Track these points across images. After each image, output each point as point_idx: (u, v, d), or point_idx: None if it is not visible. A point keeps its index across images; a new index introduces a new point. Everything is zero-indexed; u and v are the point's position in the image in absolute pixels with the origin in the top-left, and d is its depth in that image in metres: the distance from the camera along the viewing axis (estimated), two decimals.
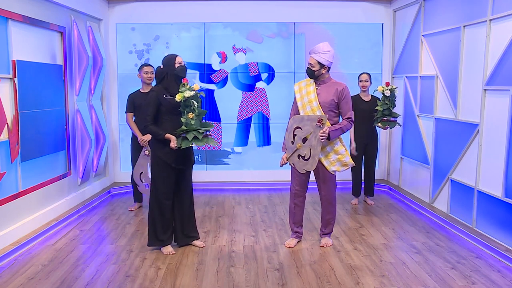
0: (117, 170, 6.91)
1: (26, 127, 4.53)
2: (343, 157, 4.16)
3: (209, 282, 3.56)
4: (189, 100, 3.79)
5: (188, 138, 3.82)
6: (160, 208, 4.10)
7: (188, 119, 3.80)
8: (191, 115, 3.79)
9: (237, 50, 6.80)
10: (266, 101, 6.94)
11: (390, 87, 5.29)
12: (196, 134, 3.81)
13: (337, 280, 3.59)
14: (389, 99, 5.31)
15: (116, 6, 6.67)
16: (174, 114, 3.95)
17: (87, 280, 3.57)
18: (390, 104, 5.31)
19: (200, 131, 3.83)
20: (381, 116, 5.36)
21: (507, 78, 4.15)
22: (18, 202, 4.44)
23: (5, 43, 4.26)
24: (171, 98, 3.93)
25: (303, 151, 4.10)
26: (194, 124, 3.80)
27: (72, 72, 5.58)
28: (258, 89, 6.92)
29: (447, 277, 3.62)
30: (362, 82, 5.54)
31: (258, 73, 6.90)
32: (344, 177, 6.27)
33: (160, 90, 3.97)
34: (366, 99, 5.56)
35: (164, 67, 4.01)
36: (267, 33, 6.82)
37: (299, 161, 4.15)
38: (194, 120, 3.80)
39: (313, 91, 4.13)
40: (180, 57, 4.05)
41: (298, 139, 4.12)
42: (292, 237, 4.42)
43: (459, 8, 4.98)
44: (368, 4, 6.78)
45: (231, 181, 6.85)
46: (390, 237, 4.58)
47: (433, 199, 5.53)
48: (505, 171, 4.16)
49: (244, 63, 6.86)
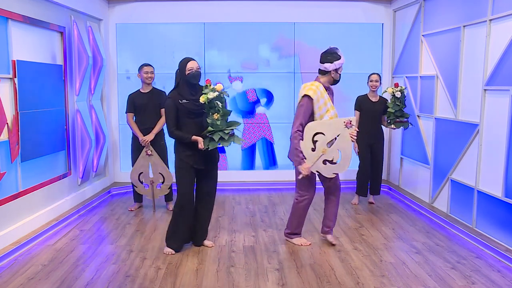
0: (117, 170, 6.91)
1: (26, 127, 4.53)
2: None
3: (209, 282, 3.56)
4: (213, 101, 3.80)
5: (214, 139, 3.83)
6: (183, 215, 4.09)
7: (214, 120, 3.82)
8: (217, 115, 3.82)
9: (233, 79, 6.81)
10: (268, 126, 6.95)
11: (400, 88, 5.34)
12: (222, 134, 3.83)
13: (337, 280, 3.59)
14: (400, 100, 5.36)
15: (116, 6, 6.67)
16: (190, 118, 3.97)
17: (87, 280, 3.57)
18: (401, 105, 5.37)
19: (226, 131, 3.84)
20: (394, 118, 5.40)
21: (507, 78, 4.14)
22: (18, 202, 4.44)
23: (5, 43, 4.26)
24: (186, 103, 3.94)
25: (330, 155, 4.06)
26: (220, 124, 3.83)
27: (72, 72, 5.58)
28: (259, 114, 6.94)
29: (447, 277, 3.62)
30: (372, 82, 5.53)
31: (257, 99, 6.90)
32: (344, 177, 6.28)
33: (175, 96, 3.97)
34: (374, 99, 5.56)
35: (179, 71, 4.00)
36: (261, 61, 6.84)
37: (326, 166, 4.08)
38: (219, 121, 3.83)
39: (329, 99, 4.14)
40: (194, 62, 3.96)
41: (321, 145, 4.03)
42: (299, 237, 4.44)
43: (459, 8, 4.98)
44: (368, 4, 6.78)
45: (231, 181, 6.85)
46: (390, 237, 4.58)
47: (433, 199, 5.53)
48: (505, 171, 4.16)
49: (242, 91, 6.87)
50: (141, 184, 5.40)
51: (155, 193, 5.43)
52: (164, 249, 4.16)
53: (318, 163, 4.07)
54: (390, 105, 5.40)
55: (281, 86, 6.91)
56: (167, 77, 6.34)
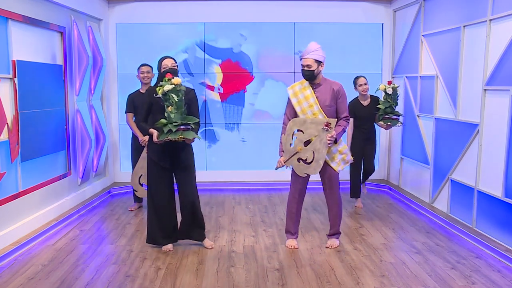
0: (117, 170, 6.91)
1: (26, 127, 4.53)
2: (346, 155, 4.22)
3: (209, 282, 3.56)
4: (169, 93, 3.80)
5: (164, 130, 3.83)
6: (156, 209, 4.15)
7: (168, 112, 3.82)
8: (170, 108, 3.81)
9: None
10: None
11: (392, 85, 5.24)
12: (171, 126, 3.81)
13: (337, 280, 3.59)
14: (391, 97, 5.25)
15: (116, 6, 6.67)
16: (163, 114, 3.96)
17: (87, 280, 3.57)
18: (392, 102, 5.25)
19: (176, 124, 3.81)
20: (383, 114, 5.28)
21: (507, 78, 4.14)
22: (18, 202, 4.44)
23: (5, 43, 4.26)
24: (160, 98, 3.95)
25: (305, 154, 4.06)
26: (174, 117, 3.81)
27: (72, 72, 5.58)
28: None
29: (447, 277, 3.62)
30: (362, 86, 5.37)
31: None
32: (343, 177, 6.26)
33: (152, 90, 4.02)
34: (365, 103, 5.43)
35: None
36: None
37: (299, 164, 4.11)
38: (173, 114, 3.81)
39: (312, 94, 4.09)
40: (169, 59, 4.11)
41: (298, 142, 4.07)
42: (292, 238, 4.37)
43: (459, 8, 4.98)
44: (368, 4, 6.79)
45: (231, 181, 6.85)
46: (390, 237, 4.58)
47: (433, 199, 5.53)
48: (505, 171, 4.16)
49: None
50: (141, 187, 5.36)
51: None
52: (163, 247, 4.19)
53: (292, 159, 4.11)
54: (381, 101, 5.32)
55: (281, 86, 6.90)
56: None
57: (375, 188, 6.69)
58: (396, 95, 5.29)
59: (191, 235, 4.29)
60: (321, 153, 4.02)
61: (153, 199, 4.14)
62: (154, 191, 4.13)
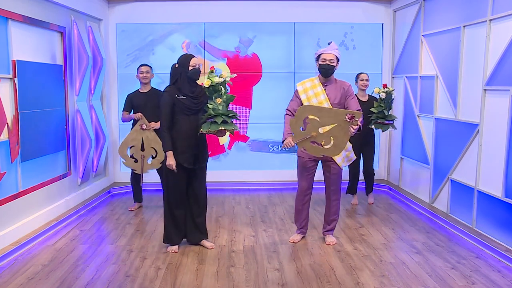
0: (117, 170, 6.91)
1: (26, 127, 4.53)
2: (350, 153, 4.27)
3: (209, 282, 3.56)
4: (218, 85, 3.82)
5: (217, 121, 3.82)
6: (173, 215, 4.14)
7: (216, 105, 3.84)
8: (219, 100, 3.84)
9: None
10: None
11: (387, 90, 5.27)
12: (225, 118, 3.84)
13: (337, 280, 3.59)
14: (384, 102, 5.30)
15: (116, 6, 6.67)
16: (186, 114, 3.98)
17: (87, 280, 3.57)
18: (384, 107, 5.29)
19: (230, 115, 3.87)
20: (375, 119, 5.34)
21: (507, 78, 4.15)
22: (18, 202, 4.43)
23: (5, 43, 4.26)
24: (184, 99, 3.95)
25: (321, 139, 3.98)
26: (221, 109, 3.85)
27: (72, 72, 5.58)
28: None
29: (447, 277, 3.62)
30: (363, 81, 5.46)
31: None
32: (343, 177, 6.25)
33: (173, 91, 3.97)
34: (364, 99, 5.48)
35: (179, 67, 4.01)
36: None
37: (314, 147, 4.00)
38: (222, 106, 3.85)
39: (322, 92, 4.12)
40: (196, 59, 4.03)
41: (312, 128, 3.96)
42: (297, 232, 4.48)
43: (459, 8, 4.98)
44: (368, 4, 6.78)
45: (231, 181, 6.85)
46: (390, 237, 4.58)
47: (433, 199, 5.53)
48: (505, 171, 4.16)
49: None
50: (130, 158, 5.26)
51: (145, 167, 5.29)
52: (168, 248, 4.19)
53: (305, 142, 4.02)
54: (376, 104, 5.35)
55: (281, 86, 6.89)
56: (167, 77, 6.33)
57: (375, 188, 6.67)
58: (390, 99, 5.32)
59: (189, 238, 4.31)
60: (342, 141, 3.95)
61: (172, 201, 4.11)
62: (173, 192, 4.09)
